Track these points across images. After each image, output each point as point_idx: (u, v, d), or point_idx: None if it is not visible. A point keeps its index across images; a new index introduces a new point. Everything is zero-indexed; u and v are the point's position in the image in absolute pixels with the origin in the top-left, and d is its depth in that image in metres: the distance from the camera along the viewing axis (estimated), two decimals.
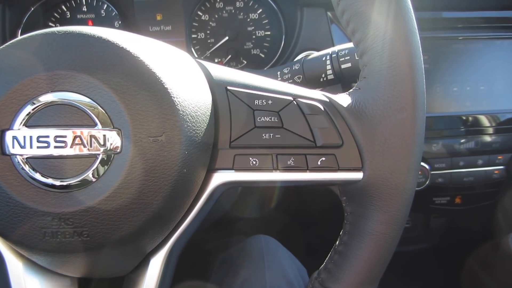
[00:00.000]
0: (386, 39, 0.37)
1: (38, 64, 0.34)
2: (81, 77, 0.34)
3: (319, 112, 0.39)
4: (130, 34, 0.39)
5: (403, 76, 0.37)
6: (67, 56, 0.34)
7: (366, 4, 0.37)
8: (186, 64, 0.40)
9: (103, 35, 0.36)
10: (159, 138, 0.34)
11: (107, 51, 0.35)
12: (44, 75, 0.34)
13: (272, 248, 0.71)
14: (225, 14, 0.95)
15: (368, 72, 0.39)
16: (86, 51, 0.35)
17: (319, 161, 0.38)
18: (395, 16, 0.37)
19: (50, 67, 0.34)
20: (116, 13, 0.91)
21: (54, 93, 0.34)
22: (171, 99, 0.35)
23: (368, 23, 0.37)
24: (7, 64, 0.34)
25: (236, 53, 0.96)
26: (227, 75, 0.41)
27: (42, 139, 0.33)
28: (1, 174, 0.33)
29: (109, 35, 0.36)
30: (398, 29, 0.37)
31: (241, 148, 0.39)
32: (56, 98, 0.34)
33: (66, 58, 0.34)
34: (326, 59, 0.56)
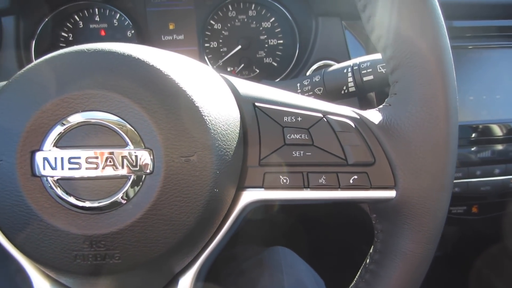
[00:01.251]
0: (419, 57, 0.36)
1: (68, 83, 0.34)
2: (112, 96, 0.33)
3: (350, 129, 0.38)
4: (159, 50, 0.39)
5: (436, 94, 0.36)
6: (98, 75, 0.34)
7: (398, 21, 0.36)
8: (213, 80, 0.40)
9: (133, 54, 0.35)
10: (191, 158, 0.34)
11: (137, 70, 0.34)
12: (74, 95, 0.33)
13: (290, 259, 0.70)
14: (238, 23, 0.95)
15: (399, 89, 0.38)
16: (116, 70, 0.34)
17: (351, 180, 0.37)
18: (429, 33, 0.36)
19: (80, 86, 0.33)
20: (128, 22, 0.91)
21: (85, 113, 0.33)
22: (202, 118, 0.35)
23: (400, 40, 0.37)
24: (37, 83, 0.34)
25: (248, 62, 0.95)
26: (254, 91, 0.41)
27: (74, 160, 0.33)
28: (31, 196, 0.33)
29: (139, 53, 0.35)
30: (432, 46, 0.36)
31: (271, 166, 0.38)
32: (86, 118, 0.33)
33: (97, 77, 0.34)
34: (348, 71, 0.56)
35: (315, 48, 0.80)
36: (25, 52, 0.79)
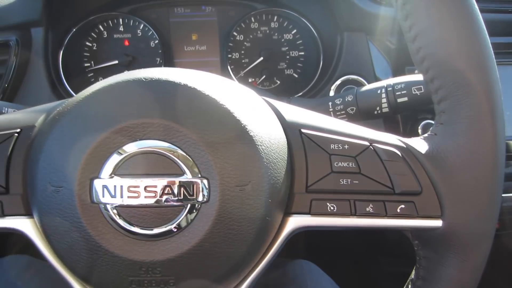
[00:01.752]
0: (468, 89, 0.37)
1: (126, 112, 0.34)
2: (169, 126, 0.34)
3: (397, 158, 0.39)
4: (210, 77, 0.40)
5: (485, 126, 0.37)
6: (155, 105, 0.34)
7: (448, 54, 0.37)
8: (260, 106, 0.40)
9: (190, 83, 0.36)
10: (245, 187, 0.34)
11: (194, 99, 0.35)
12: (132, 124, 0.34)
13: (315, 274, 0.71)
14: (260, 35, 0.96)
15: (446, 119, 0.39)
16: (173, 99, 0.35)
17: (398, 209, 0.38)
18: (478, 66, 0.37)
19: (137, 116, 0.34)
20: (152, 33, 0.92)
21: (143, 142, 0.34)
22: (256, 147, 0.35)
23: (449, 72, 0.37)
24: (94, 113, 0.35)
25: (270, 73, 0.96)
26: (300, 117, 0.41)
27: (133, 188, 0.33)
28: (90, 222, 0.33)
29: (195, 82, 0.36)
30: (481, 79, 0.37)
31: (318, 193, 0.39)
32: (144, 147, 0.34)
33: (154, 106, 0.34)
34: (382, 92, 0.56)
35: (340, 63, 0.81)
36: (53, 62, 0.80)
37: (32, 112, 0.41)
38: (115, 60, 0.91)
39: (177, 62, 0.96)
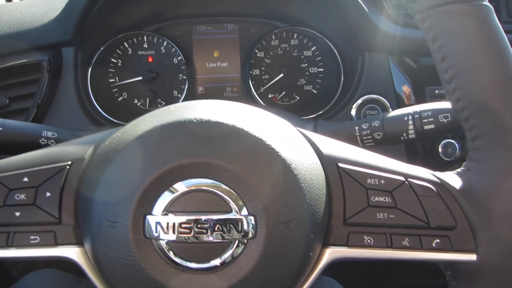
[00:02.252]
0: (502, 129, 0.38)
1: (177, 153, 0.36)
2: (218, 165, 0.36)
3: (432, 193, 0.40)
4: (255, 113, 0.41)
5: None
6: (205, 145, 0.36)
7: (485, 95, 0.38)
8: (300, 140, 0.42)
9: (237, 124, 0.38)
10: (290, 224, 0.36)
11: (241, 139, 0.37)
12: (182, 164, 0.36)
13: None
14: (280, 52, 0.97)
15: (480, 157, 0.40)
16: (221, 139, 0.37)
17: (433, 243, 0.39)
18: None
19: (188, 156, 0.36)
20: (176, 49, 0.94)
21: (193, 180, 0.36)
22: (300, 185, 0.37)
23: (485, 113, 0.39)
24: (147, 153, 0.37)
25: (289, 89, 0.98)
26: (337, 151, 0.43)
27: (185, 225, 0.35)
28: (143, 256, 0.35)
29: (242, 123, 0.38)
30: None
31: (356, 226, 0.40)
32: (194, 185, 0.36)
33: (204, 146, 0.36)
34: (408, 119, 0.58)
35: (361, 82, 0.82)
36: (82, 80, 0.82)
37: (80, 144, 0.43)
38: (139, 76, 0.93)
39: (199, 78, 0.98)
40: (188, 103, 0.42)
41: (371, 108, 0.82)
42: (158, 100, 0.96)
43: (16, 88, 0.75)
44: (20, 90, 0.75)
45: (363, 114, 0.82)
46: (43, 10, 0.79)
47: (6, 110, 0.75)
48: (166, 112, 0.40)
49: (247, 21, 0.96)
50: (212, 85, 0.99)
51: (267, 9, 0.93)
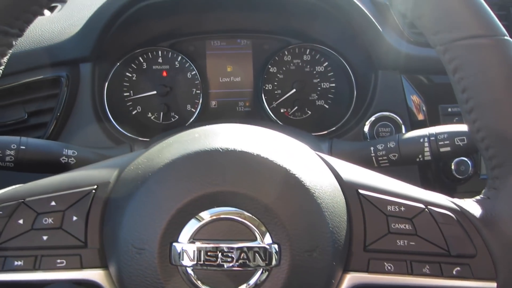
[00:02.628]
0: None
1: (203, 182, 0.37)
2: (244, 194, 0.37)
3: (452, 221, 0.41)
4: (279, 142, 0.42)
5: None
6: (230, 174, 0.37)
7: (505, 127, 0.39)
8: (320, 166, 0.43)
9: (262, 153, 0.38)
10: (313, 253, 0.37)
11: (267, 169, 0.38)
12: (208, 193, 0.37)
13: None
14: (292, 67, 0.98)
15: (500, 185, 0.40)
16: (248, 169, 0.37)
17: (454, 271, 0.40)
18: None
19: (214, 185, 0.37)
20: (190, 64, 0.95)
21: (219, 209, 0.37)
22: (323, 213, 0.38)
23: (505, 143, 0.39)
24: (174, 181, 0.37)
25: (301, 104, 0.99)
26: (357, 177, 0.44)
27: (210, 253, 0.36)
28: (169, 283, 0.36)
29: (266, 152, 0.39)
30: None
31: (376, 252, 0.41)
32: (220, 214, 0.37)
33: (230, 176, 0.37)
34: (424, 141, 0.58)
35: (374, 100, 0.83)
36: (99, 94, 0.83)
37: (105, 167, 0.44)
38: (153, 90, 0.95)
39: (212, 93, 0.99)
40: (211, 129, 0.43)
41: (384, 125, 0.83)
42: (171, 114, 0.97)
43: (34, 103, 0.77)
44: (39, 105, 0.77)
45: (376, 131, 0.83)
46: (62, 26, 0.81)
47: (25, 125, 0.76)
48: (191, 139, 0.41)
49: (261, 37, 0.97)
50: (225, 99, 1.00)
51: (280, 26, 0.94)
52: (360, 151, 0.64)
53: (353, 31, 0.82)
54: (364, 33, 0.80)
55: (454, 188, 0.84)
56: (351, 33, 0.83)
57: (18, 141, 0.57)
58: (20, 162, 0.56)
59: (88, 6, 0.87)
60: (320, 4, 0.79)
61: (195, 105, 0.97)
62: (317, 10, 0.82)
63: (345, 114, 0.92)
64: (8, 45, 0.40)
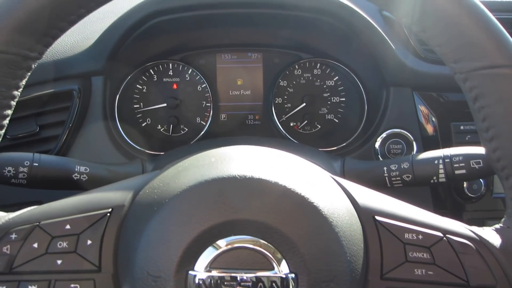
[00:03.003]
0: None
1: (220, 210, 0.37)
2: (262, 223, 0.36)
3: (471, 251, 0.40)
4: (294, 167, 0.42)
5: None
6: (248, 203, 0.37)
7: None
8: (337, 192, 0.42)
9: (279, 181, 0.38)
10: (330, 283, 0.36)
11: (284, 197, 0.37)
12: (225, 221, 0.36)
13: None
14: (303, 81, 0.98)
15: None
16: (266, 197, 0.37)
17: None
18: None
19: (231, 214, 0.37)
20: (200, 77, 0.95)
21: (236, 238, 0.36)
22: (340, 242, 0.37)
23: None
24: (189, 210, 0.37)
25: (311, 118, 0.98)
26: (373, 202, 0.43)
27: (227, 282, 0.35)
28: None
29: (282, 179, 0.38)
30: None
31: (393, 281, 0.40)
32: (237, 242, 0.36)
33: (247, 204, 0.37)
34: (439, 163, 0.58)
35: (386, 116, 0.83)
36: (109, 106, 0.83)
37: (119, 190, 0.44)
38: (163, 102, 0.95)
39: (222, 106, 0.99)
40: (227, 153, 0.43)
41: (396, 142, 0.82)
42: (181, 127, 0.97)
43: (46, 116, 0.77)
44: (50, 118, 0.77)
45: (387, 148, 0.82)
46: (75, 39, 0.81)
47: (36, 138, 0.76)
48: (207, 164, 0.41)
49: (271, 51, 0.97)
50: (235, 112, 1.00)
51: (291, 41, 0.94)
52: (373, 171, 0.64)
53: (364, 48, 0.82)
54: (376, 50, 0.80)
55: (466, 206, 0.84)
56: (363, 50, 0.83)
57: (31, 158, 0.57)
58: (33, 179, 0.56)
59: (101, 20, 0.87)
60: (332, 21, 0.79)
61: (205, 118, 0.97)
62: (328, 26, 0.82)
63: (355, 129, 0.92)
64: (28, 69, 0.40)
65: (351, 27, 0.79)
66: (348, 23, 0.78)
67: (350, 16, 0.76)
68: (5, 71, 0.39)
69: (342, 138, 0.94)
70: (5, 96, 0.40)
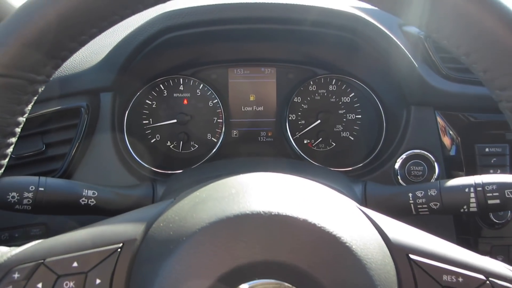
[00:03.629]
0: None
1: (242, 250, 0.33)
2: (289, 265, 0.33)
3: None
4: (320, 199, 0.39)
5: None
6: (274, 242, 0.33)
7: None
8: (367, 228, 0.39)
9: (309, 218, 0.35)
10: None
11: (314, 237, 0.34)
12: (247, 263, 0.33)
13: None
14: (317, 97, 0.95)
15: None
16: (293, 236, 0.34)
17: None
18: None
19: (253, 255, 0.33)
20: (211, 92, 0.92)
21: (259, 281, 0.33)
22: (373, 282, 0.34)
23: None
24: (210, 250, 0.34)
25: (325, 135, 0.95)
26: (406, 239, 0.39)
27: None
28: None
29: (313, 216, 0.35)
30: None
31: None
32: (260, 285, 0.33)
33: (273, 244, 0.33)
34: (470, 191, 0.54)
35: (406, 137, 0.79)
36: (118, 123, 0.81)
37: (131, 222, 0.40)
38: (173, 118, 0.92)
39: (234, 122, 0.96)
40: (248, 184, 0.40)
41: (416, 163, 0.79)
42: (191, 143, 0.94)
43: (53, 134, 0.74)
44: (57, 136, 0.74)
45: (407, 169, 0.79)
46: (84, 55, 0.79)
47: (42, 157, 0.73)
48: (227, 197, 0.37)
49: (285, 66, 0.94)
50: (247, 129, 0.96)
51: (306, 56, 0.91)
52: (397, 197, 0.60)
53: (385, 65, 0.78)
54: (398, 68, 0.76)
55: (490, 232, 0.79)
56: (382, 66, 0.79)
57: (36, 182, 0.53)
58: (39, 205, 0.53)
59: (111, 34, 0.85)
60: (351, 37, 0.75)
61: (216, 135, 0.94)
62: (346, 42, 0.79)
63: (372, 149, 0.88)
64: (34, 93, 0.37)
65: (371, 43, 0.75)
66: (368, 39, 0.74)
67: (370, 31, 0.73)
68: (9, 97, 0.36)
69: (358, 157, 0.91)
70: (9, 123, 0.37)
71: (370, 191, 0.63)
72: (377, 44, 0.74)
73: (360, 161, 0.87)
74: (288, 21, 0.76)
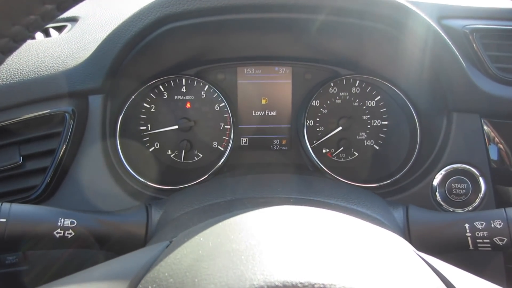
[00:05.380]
0: None
1: None
2: None
3: None
4: (374, 254, 0.27)
5: None
6: None
7: None
8: (434, 282, 0.28)
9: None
10: None
11: None
12: None
13: None
14: (338, 101, 0.83)
15: None
16: None
17: None
18: None
19: None
20: (218, 95, 0.81)
21: None
22: None
23: None
24: None
25: (347, 144, 0.83)
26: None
27: None
28: None
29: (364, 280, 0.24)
30: None
31: None
32: None
33: None
34: None
35: (446, 149, 0.67)
36: (110, 131, 0.69)
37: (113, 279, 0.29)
38: (174, 124, 0.81)
39: (243, 128, 0.84)
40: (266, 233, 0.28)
41: (459, 180, 0.67)
42: (194, 152, 0.83)
43: (32, 144, 0.63)
44: (37, 147, 0.63)
45: (447, 187, 0.67)
46: (70, 50, 0.68)
47: (19, 171, 0.62)
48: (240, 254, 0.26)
49: (302, 65, 0.82)
50: (258, 136, 0.85)
51: (328, 53, 0.79)
52: (450, 228, 0.48)
53: (424, 63, 0.66)
54: (441, 67, 0.64)
55: None
56: (421, 66, 0.67)
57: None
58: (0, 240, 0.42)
59: (103, 26, 0.73)
60: (391, 31, 0.63)
61: (223, 142, 0.82)
62: (378, 35, 0.66)
63: (404, 161, 0.76)
64: None
65: (411, 38, 0.63)
66: (408, 32, 0.62)
67: (412, 23, 0.61)
68: None
69: (385, 171, 0.79)
70: None
71: (414, 218, 0.52)
72: (418, 38, 0.62)
73: (388, 176, 0.75)
74: (310, 9, 0.63)
